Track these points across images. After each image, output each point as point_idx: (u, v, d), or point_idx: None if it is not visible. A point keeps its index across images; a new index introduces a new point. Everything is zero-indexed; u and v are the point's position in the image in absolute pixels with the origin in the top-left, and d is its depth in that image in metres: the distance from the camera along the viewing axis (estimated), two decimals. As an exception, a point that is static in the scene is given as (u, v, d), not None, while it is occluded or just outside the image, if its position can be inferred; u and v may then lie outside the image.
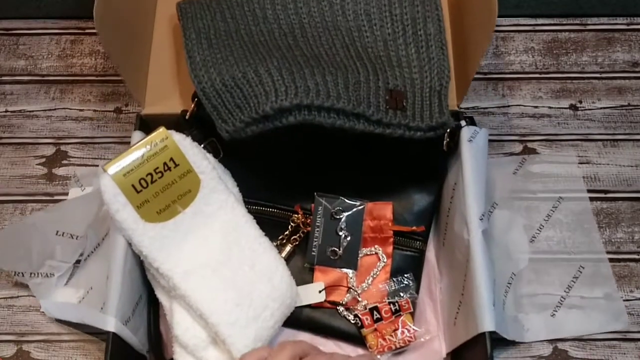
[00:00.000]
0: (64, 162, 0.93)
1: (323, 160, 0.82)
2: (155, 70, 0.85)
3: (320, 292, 0.78)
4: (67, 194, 0.91)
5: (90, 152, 0.94)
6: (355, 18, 0.80)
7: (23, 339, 0.84)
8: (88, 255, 0.85)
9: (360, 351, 0.79)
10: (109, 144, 0.95)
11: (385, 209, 0.80)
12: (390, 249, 0.80)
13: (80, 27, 1.03)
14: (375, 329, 0.77)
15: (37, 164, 0.93)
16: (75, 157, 0.94)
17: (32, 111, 0.97)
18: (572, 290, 0.84)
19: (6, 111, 0.97)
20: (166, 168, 0.71)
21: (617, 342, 0.82)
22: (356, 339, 0.78)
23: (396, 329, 0.77)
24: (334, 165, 0.82)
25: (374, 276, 0.79)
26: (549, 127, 0.94)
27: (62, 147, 0.94)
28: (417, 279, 0.81)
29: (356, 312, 0.78)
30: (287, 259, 0.79)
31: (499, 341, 0.77)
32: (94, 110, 0.97)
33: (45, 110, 0.97)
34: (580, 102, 0.96)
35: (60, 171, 0.93)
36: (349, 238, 0.79)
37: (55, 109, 0.97)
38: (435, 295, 0.82)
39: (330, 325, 0.78)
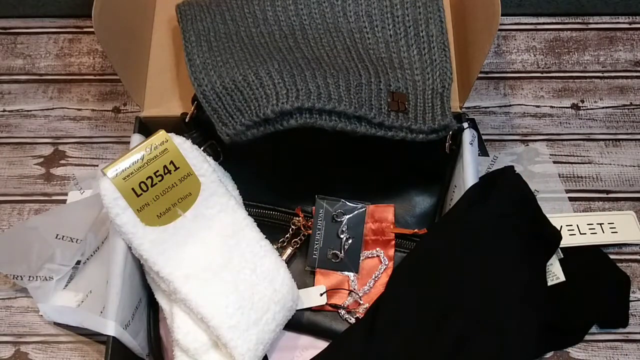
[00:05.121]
0: (62, 162, 0.93)
1: (324, 162, 0.82)
2: (154, 72, 0.84)
3: (321, 295, 0.78)
4: (65, 194, 0.91)
5: (88, 152, 0.93)
6: (357, 19, 0.80)
7: (21, 340, 0.84)
8: (87, 259, 0.85)
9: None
10: (108, 143, 0.94)
11: (387, 212, 0.80)
12: (392, 251, 0.79)
13: (79, 25, 1.02)
14: (377, 332, 0.77)
15: (34, 164, 0.93)
16: (73, 157, 0.93)
17: (30, 111, 0.97)
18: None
19: (4, 111, 0.96)
20: (166, 171, 0.70)
21: (619, 344, 0.82)
22: (357, 341, 0.78)
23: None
24: (335, 168, 0.82)
25: (376, 279, 0.79)
26: (550, 127, 0.94)
27: (60, 147, 0.94)
28: (419, 282, 0.80)
29: (358, 315, 0.77)
30: (288, 262, 0.79)
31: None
32: (92, 110, 0.96)
33: (43, 109, 0.96)
34: (582, 101, 0.95)
35: (58, 171, 0.92)
36: (350, 241, 0.79)
37: (53, 109, 0.96)
38: (437, 297, 0.82)
39: (331, 329, 0.78)
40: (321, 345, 0.77)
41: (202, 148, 0.76)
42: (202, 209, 0.72)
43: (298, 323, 0.78)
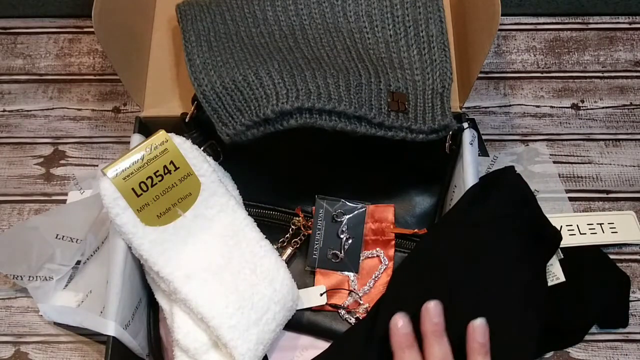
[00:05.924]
0: (62, 162, 0.93)
1: (324, 162, 0.82)
2: (154, 72, 0.84)
3: (321, 295, 0.78)
4: (65, 194, 0.90)
5: (88, 152, 0.93)
6: (357, 19, 0.80)
7: (21, 340, 0.84)
8: (87, 259, 0.84)
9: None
10: (108, 143, 0.94)
11: (387, 212, 0.80)
12: (392, 251, 0.79)
13: (79, 25, 1.02)
14: (377, 332, 0.77)
15: (34, 164, 0.93)
16: (73, 157, 0.93)
17: (30, 110, 0.96)
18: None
19: (4, 111, 0.96)
20: (166, 171, 0.70)
21: (619, 344, 0.82)
22: (357, 341, 0.78)
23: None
24: (335, 168, 0.82)
25: (376, 279, 0.79)
26: (550, 127, 0.94)
27: (60, 147, 0.94)
28: (419, 282, 0.80)
29: (358, 315, 0.77)
30: (288, 262, 0.79)
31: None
32: (92, 110, 0.96)
33: (43, 109, 0.96)
34: (582, 101, 0.95)
35: (58, 171, 0.92)
36: (350, 241, 0.79)
37: (53, 109, 0.96)
38: (437, 297, 0.81)
39: (331, 329, 0.78)
40: (321, 345, 0.77)
41: (202, 148, 0.76)
42: (202, 209, 0.72)
43: (298, 323, 0.77)
